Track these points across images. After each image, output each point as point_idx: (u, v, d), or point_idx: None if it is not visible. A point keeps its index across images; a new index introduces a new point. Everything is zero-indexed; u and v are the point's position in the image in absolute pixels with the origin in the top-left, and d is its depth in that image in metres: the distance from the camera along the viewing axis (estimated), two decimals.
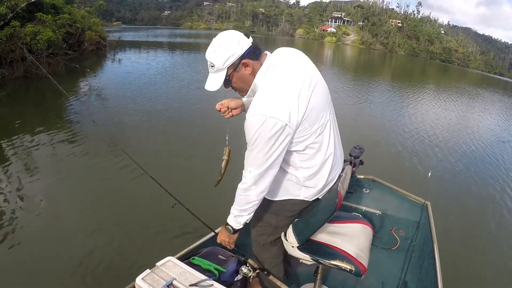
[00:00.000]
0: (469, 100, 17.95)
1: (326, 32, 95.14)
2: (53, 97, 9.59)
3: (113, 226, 3.76)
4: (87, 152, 5.62)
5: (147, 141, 6.44)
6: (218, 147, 1.91)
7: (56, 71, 12.24)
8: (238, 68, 1.51)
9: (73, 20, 17.12)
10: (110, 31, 30.50)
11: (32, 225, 3.70)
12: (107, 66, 16.89)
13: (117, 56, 20.12)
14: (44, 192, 4.38)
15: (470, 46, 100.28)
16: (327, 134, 1.64)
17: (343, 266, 1.68)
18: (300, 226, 1.78)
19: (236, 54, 1.47)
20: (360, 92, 14.50)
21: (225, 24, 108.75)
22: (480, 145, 9.10)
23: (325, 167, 1.67)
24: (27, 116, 7.56)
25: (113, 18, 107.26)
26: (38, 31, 12.01)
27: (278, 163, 1.53)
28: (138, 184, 4.52)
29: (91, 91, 10.56)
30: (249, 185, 1.55)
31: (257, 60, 1.54)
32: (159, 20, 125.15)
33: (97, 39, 20.55)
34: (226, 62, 1.48)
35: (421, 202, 3.07)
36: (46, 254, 3.28)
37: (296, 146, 1.57)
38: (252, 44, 1.52)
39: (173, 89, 11.43)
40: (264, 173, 1.52)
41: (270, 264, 1.98)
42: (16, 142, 5.80)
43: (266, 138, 1.43)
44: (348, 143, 2.77)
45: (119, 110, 8.33)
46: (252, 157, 1.50)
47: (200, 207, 2.63)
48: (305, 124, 1.50)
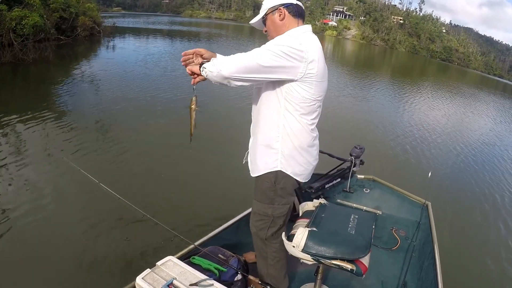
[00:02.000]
0: (469, 100, 18.00)
1: (327, 25, 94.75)
2: (38, 84, 9.25)
3: (114, 225, 3.71)
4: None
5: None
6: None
7: (43, 57, 11.81)
8: (274, 12, 1.79)
9: (67, 4, 16.75)
10: (110, 17, 30.08)
11: (31, 225, 3.61)
12: (98, 53, 16.26)
13: (111, 43, 19.66)
14: (43, 191, 4.26)
15: (471, 47, 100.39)
16: (318, 115, 1.85)
17: (344, 266, 1.67)
18: (321, 237, 1.75)
19: (275, 3, 1.78)
20: (360, 90, 14.50)
21: (226, 14, 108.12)
22: (481, 145, 9.18)
23: (314, 147, 1.88)
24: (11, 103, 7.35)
25: (113, 4, 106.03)
26: (24, 16, 11.65)
27: (268, 71, 1.60)
28: (139, 185, 4.51)
29: (74, 79, 9.97)
30: (234, 59, 1.58)
31: (294, 17, 1.79)
32: (159, 7, 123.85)
33: (91, 24, 20.03)
34: (268, 5, 1.80)
35: (421, 202, 3.08)
36: (46, 254, 3.23)
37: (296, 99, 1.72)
38: (294, 3, 1.79)
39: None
40: (253, 65, 1.57)
41: (273, 259, 1.99)
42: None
43: (283, 44, 1.61)
44: (349, 142, 2.77)
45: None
46: (260, 49, 1.61)
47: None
48: (312, 78, 1.68)
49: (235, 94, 9.44)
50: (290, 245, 1.77)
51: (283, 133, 1.78)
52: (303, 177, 1.88)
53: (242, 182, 3.92)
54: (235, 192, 4.34)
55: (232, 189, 4.46)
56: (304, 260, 1.77)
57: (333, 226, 1.81)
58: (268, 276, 2.04)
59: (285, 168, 1.81)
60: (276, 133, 1.79)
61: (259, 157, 1.85)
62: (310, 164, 1.88)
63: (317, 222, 1.83)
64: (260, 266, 2.08)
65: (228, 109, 8.42)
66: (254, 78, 1.61)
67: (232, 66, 1.55)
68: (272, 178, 1.83)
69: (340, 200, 3.15)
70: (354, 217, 1.87)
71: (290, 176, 1.83)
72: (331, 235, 1.75)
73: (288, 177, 1.83)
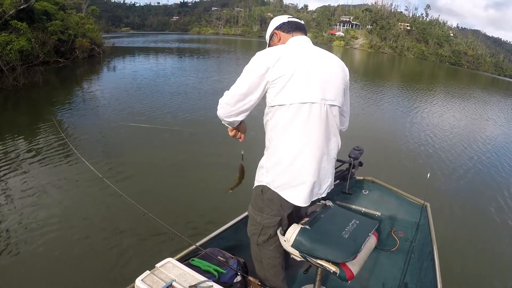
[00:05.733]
0: (470, 102, 17.73)
1: (334, 36, 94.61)
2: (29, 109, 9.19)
3: (113, 227, 3.80)
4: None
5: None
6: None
7: (32, 82, 11.41)
8: (272, 38, 1.96)
9: (65, 26, 16.61)
10: (119, 37, 30.43)
11: (31, 226, 3.73)
12: (93, 76, 15.41)
13: (111, 64, 19.41)
14: (43, 194, 4.43)
15: (480, 49, 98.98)
16: (309, 121, 1.70)
17: (328, 267, 1.68)
18: (311, 236, 1.76)
19: (272, 28, 1.97)
20: (360, 94, 14.45)
21: (233, 29, 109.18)
22: (479, 145, 9.08)
23: (297, 161, 1.72)
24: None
25: (122, 24, 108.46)
26: (10, 40, 11.22)
27: (245, 91, 1.69)
28: (138, 185, 4.62)
29: (64, 105, 9.53)
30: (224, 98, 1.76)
31: (288, 33, 1.91)
32: (167, 25, 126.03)
33: (89, 46, 19.65)
34: (267, 34, 2.01)
35: (420, 203, 3.07)
36: (46, 255, 3.30)
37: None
38: (287, 21, 1.93)
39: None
40: (233, 93, 1.71)
41: (268, 265, 2.00)
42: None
43: (249, 66, 1.71)
44: (348, 144, 2.81)
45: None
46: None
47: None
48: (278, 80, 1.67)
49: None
50: (282, 238, 1.81)
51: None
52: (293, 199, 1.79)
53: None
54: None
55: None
56: (293, 255, 1.81)
57: (327, 227, 1.83)
58: (266, 279, 2.05)
59: (269, 183, 1.81)
60: (265, 148, 1.87)
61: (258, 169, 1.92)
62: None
63: (314, 222, 1.85)
64: (257, 269, 2.09)
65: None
66: (245, 105, 1.73)
67: (221, 107, 1.76)
68: (260, 188, 1.86)
69: (339, 202, 3.14)
70: (354, 222, 1.87)
71: (275, 192, 1.80)
72: (322, 235, 1.76)
73: (274, 192, 1.80)
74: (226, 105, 1.73)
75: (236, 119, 1.77)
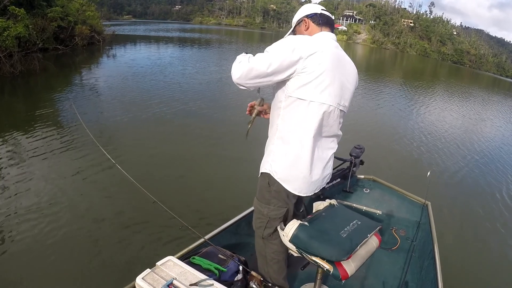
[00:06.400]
0: (470, 102, 17.73)
1: (337, 30, 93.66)
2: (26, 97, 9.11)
3: (113, 225, 3.76)
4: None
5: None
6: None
7: (30, 69, 11.20)
8: (300, 24, 1.93)
9: (65, 13, 16.42)
10: (120, 24, 30.19)
11: (30, 225, 3.67)
12: (92, 64, 15.17)
13: (111, 52, 19.19)
14: (42, 192, 4.35)
15: (483, 48, 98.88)
16: (324, 121, 1.74)
17: (322, 265, 1.68)
18: (309, 232, 1.76)
19: (302, 14, 1.93)
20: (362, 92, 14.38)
21: (236, 20, 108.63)
22: (480, 144, 9.11)
23: (306, 157, 1.74)
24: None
25: (123, 12, 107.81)
26: (7, 27, 11.07)
27: (269, 72, 1.65)
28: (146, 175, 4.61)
29: (65, 92, 9.50)
30: (240, 65, 1.69)
31: (318, 25, 1.88)
32: (169, 14, 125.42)
33: (88, 33, 19.41)
34: (296, 18, 1.97)
35: (421, 202, 3.08)
36: (46, 254, 3.27)
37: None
38: (319, 13, 1.90)
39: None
40: (256, 68, 1.65)
41: (272, 260, 2.01)
42: None
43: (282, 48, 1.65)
44: (349, 142, 2.80)
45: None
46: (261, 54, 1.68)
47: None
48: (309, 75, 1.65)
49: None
50: (281, 233, 1.82)
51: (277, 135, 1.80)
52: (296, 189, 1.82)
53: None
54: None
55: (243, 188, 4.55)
56: (290, 250, 1.82)
57: (326, 226, 1.82)
58: (268, 275, 2.05)
59: (273, 172, 1.81)
60: (271, 133, 1.85)
61: (264, 154, 1.90)
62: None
63: (314, 219, 1.86)
64: (260, 264, 2.09)
65: None
66: (261, 83, 1.70)
67: (237, 72, 1.69)
68: (267, 179, 1.84)
69: (340, 200, 3.13)
70: (355, 223, 1.87)
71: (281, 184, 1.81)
72: (320, 233, 1.76)
73: (280, 184, 1.81)
74: (243, 77, 1.68)
75: (243, 88, 1.75)
